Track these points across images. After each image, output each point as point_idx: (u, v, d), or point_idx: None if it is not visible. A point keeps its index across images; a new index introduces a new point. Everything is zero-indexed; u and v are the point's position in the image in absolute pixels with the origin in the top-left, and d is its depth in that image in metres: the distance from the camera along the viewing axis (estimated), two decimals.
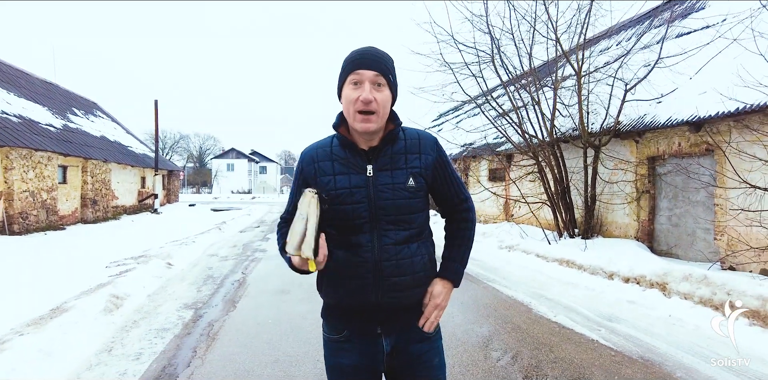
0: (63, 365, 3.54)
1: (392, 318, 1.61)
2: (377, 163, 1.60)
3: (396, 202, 1.57)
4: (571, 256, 7.31)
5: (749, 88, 5.99)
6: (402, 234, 1.59)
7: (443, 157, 1.70)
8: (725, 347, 3.96)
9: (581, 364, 3.62)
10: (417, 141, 1.65)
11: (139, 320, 4.80)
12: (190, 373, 3.50)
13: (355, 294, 1.57)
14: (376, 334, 1.63)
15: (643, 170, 9.40)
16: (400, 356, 1.64)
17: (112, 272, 6.67)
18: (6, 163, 12.70)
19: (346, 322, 1.64)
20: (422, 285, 1.63)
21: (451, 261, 1.70)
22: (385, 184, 1.58)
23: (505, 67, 10.59)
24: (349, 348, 1.64)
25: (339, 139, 1.64)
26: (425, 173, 1.63)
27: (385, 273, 1.56)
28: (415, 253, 1.60)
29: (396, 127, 1.64)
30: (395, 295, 1.57)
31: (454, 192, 1.74)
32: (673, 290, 5.20)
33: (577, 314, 4.99)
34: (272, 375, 3.44)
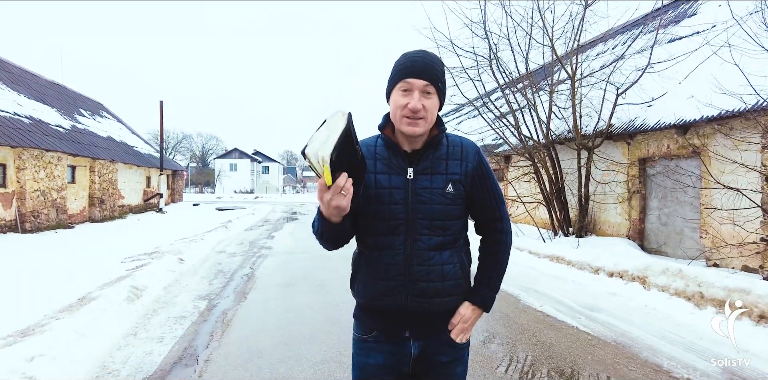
0: (97, 345, 4.00)
1: (421, 322, 1.63)
2: (418, 166, 1.62)
3: (433, 207, 1.59)
4: (561, 253, 7.75)
5: (727, 94, 6.41)
6: (435, 240, 1.60)
7: (485, 167, 1.70)
8: (690, 331, 4.41)
9: (559, 346, 4.07)
10: (459, 148, 1.67)
11: (158, 309, 5.26)
12: (209, 353, 3.95)
13: (384, 295, 1.60)
14: (404, 337, 1.65)
15: (634, 171, 9.83)
16: (426, 361, 1.66)
17: (129, 266, 7.14)
18: (19, 163, 13.17)
19: (376, 323, 1.67)
20: (452, 294, 1.64)
21: (482, 286, 1.71)
22: (423, 187, 1.60)
23: (501, 71, 11.01)
24: (377, 348, 1.66)
25: (383, 139, 1.67)
26: (464, 181, 1.64)
27: (415, 277, 1.58)
28: (447, 261, 1.62)
29: (440, 132, 1.66)
30: (424, 301, 1.59)
31: (489, 207, 1.72)
32: (652, 283, 5.64)
33: (562, 305, 5.44)
34: (283, 353, 3.89)
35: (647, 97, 9.38)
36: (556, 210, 10.76)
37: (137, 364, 3.71)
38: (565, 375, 3.47)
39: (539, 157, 10.79)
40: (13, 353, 3.48)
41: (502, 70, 11.10)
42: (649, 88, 9.41)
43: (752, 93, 6.12)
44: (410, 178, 1.60)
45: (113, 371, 3.59)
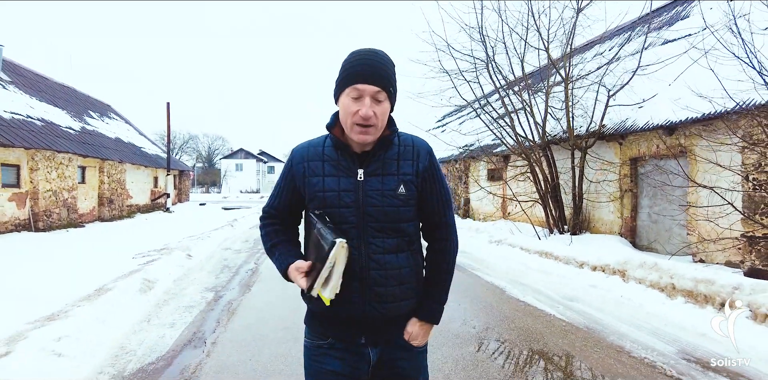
0: (115, 329, 4.45)
1: (376, 328, 1.61)
2: (368, 167, 1.58)
3: (384, 209, 1.56)
4: (550, 249, 8.15)
5: (705, 98, 6.79)
6: (389, 243, 1.57)
7: (435, 168, 1.68)
8: (658, 319, 4.81)
9: (535, 331, 4.48)
10: (411, 147, 1.64)
11: (168, 299, 5.72)
12: (216, 337, 4.40)
13: (340, 302, 1.52)
14: (360, 344, 1.62)
15: (626, 170, 10.20)
16: (386, 368, 1.64)
17: (140, 262, 7.61)
18: (32, 164, 13.70)
19: (330, 330, 1.64)
20: (410, 297, 1.63)
21: (428, 300, 1.68)
22: (374, 189, 1.56)
23: (496, 75, 11.39)
24: (333, 354, 1.63)
25: (332, 139, 1.63)
26: (416, 181, 1.61)
27: (372, 282, 1.55)
28: (403, 264, 1.59)
29: (392, 132, 1.63)
30: (381, 306, 1.57)
31: (435, 211, 1.68)
32: (630, 276, 6.03)
33: (544, 296, 5.86)
34: (283, 337, 4.33)
35: (638, 99, 9.73)
36: (552, 209, 11.13)
37: (151, 345, 4.16)
38: (535, 355, 3.88)
39: (535, 156, 11.17)
40: (42, 334, 3.94)
41: (499, 73, 11.49)
42: (640, 90, 9.77)
43: (726, 97, 6.49)
44: (360, 180, 1.57)
45: (130, 351, 4.04)
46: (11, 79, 16.83)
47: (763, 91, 6.36)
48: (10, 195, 12.82)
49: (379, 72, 1.50)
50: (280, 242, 1.71)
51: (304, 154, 1.66)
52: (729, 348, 4.00)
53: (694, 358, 3.84)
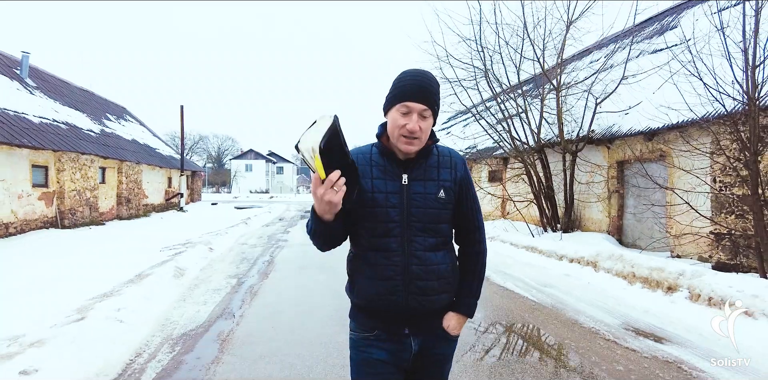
0: (158, 305, 5.46)
1: (418, 319, 1.77)
2: (412, 173, 1.75)
3: (426, 211, 1.73)
4: (535, 244, 9.09)
5: (668, 108, 7.70)
6: (430, 241, 1.73)
7: (469, 178, 1.88)
8: (615, 300, 5.75)
9: (507, 308, 5.44)
10: (449, 158, 1.83)
11: (198, 284, 6.74)
12: (242, 311, 5.39)
13: (384, 295, 1.71)
14: (403, 334, 1.78)
15: (613, 173, 11.09)
16: (424, 357, 1.82)
17: (168, 253, 8.63)
18: (58, 165, 14.80)
19: (376, 322, 1.79)
20: (446, 291, 1.79)
21: (464, 295, 1.85)
22: (417, 192, 1.73)
23: (493, 83, 12.30)
24: (378, 345, 1.78)
25: (379, 147, 1.81)
26: (454, 187, 1.79)
27: (414, 276, 1.70)
28: (441, 261, 1.76)
29: (433, 143, 1.81)
30: (423, 298, 1.72)
31: (469, 217, 1.87)
32: (600, 266, 6.96)
33: (522, 282, 6.82)
34: (298, 311, 5.32)
35: (625, 106, 10.61)
36: (546, 209, 12.03)
37: (190, 317, 5.16)
38: (504, 326, 4.83)
39: (530, 160, 12.07)
40: (104, 306, 4.95)
41: (497, 80, 12.39)
42: (627, 98, 10.65)
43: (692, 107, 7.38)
44: (405, 184, 1.74)
45: (174, 321, 5.04)
46: (36, 84, 17.98)
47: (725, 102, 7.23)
48: (40, 194, 13.90)
49: (427, 93, 1.67)
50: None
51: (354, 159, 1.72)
52: (666, 320, 4.93)
53: (632, 328, 4.77)
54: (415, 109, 1.65)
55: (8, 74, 16.38)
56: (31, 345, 3.86)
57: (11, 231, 12.40)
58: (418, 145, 1.71)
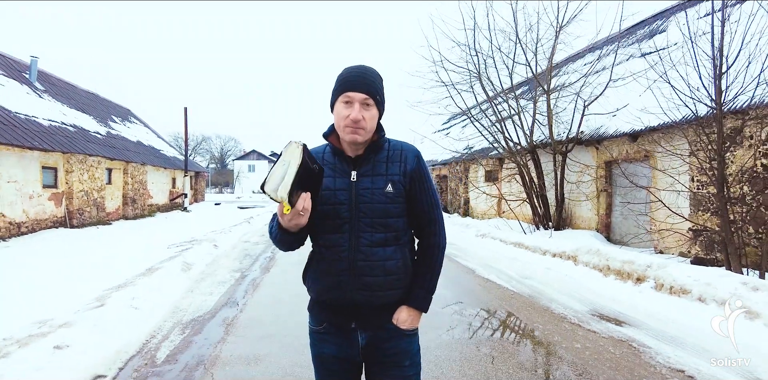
0: (168, 295, 6.03)
1: (366, 314, 1.81)
2: (360, 169, 1.80)
3: (374, 206, 1.76)
4: (522, 240, 9.63)
5: (648, 112, 8.22)
6: (377, 237, 1.76)
7: (422, 169, 1.87)
8: (587, 290, 6.29)
9: (486, 298, 5.99)
10: (399, 151, 1.86)
11: (204, 277, 7.31)
12: (245, 301, 5.95)
13: (332, 289, 1.78)
14: (350, 328, 1.83)
15: (602, 172, 11.61)
16: (374, 351, 1.85)
17: (175, 250, 9.21)
18: (67, 166, 15.41)
19: (325, 315, 1.86)
20: (395, 288, 1.81)
21: (417, 288, 1.86)
22: (365, 188, 1.77)
23: (486, 86, 12.84)
24: (328, 339, 1.86)
25: (330, 147, 1.86)
26: (404, 181, 1.81)
27: (359, 271, 1.75)
28: (390, 257, 1.78)
29: (379, 138, 1.84)
30: (368, 294, 1.76)
31: (423, 210, 1.87)
32: (580, 260, 7.49)
33: (505, 275, 7.37)
34: (296, 300, 5.87)
35: (612, 108, 11.13)
36: (538, 207, 12.56)
37: (198, 306, 5.72)
38: (482, 312, 5.37)
39: (522, 160, 12.60)
40: (120, 296, 5.52)
41: (490, 83, 12.94)
42: (615, 100, 11.17)
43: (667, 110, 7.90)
44: (353, 180, 1.79)
45: (183, 309, 5.60)
46: (45, 87, 18.62)
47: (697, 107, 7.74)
48: (50, 194, 14.51)
49: (367, 82, 1.75)
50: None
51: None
52: (630, 307, 5.47)
53: (598, 314, 5.31)
54: (356, 99, 1.72)
55: (18, 78, 17.01)
56: (59, 326, 4.42)
57: (23, 230, 12.99)
58: (363, 134, 1.75)
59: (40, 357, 3.72)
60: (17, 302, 5.49)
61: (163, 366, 3.89)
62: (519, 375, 3.62)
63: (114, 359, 4.04)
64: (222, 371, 3.76)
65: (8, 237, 12.16)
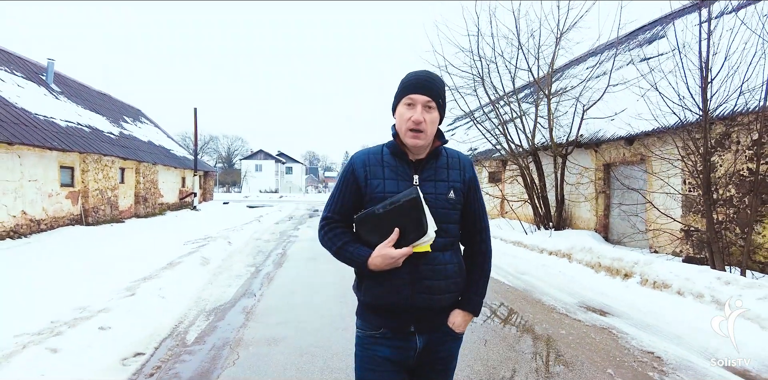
0: (190, 287, 6.60)
1: (424, 318, 1.82)
2: (423, 173, 1.82)
3: (437, 211, 1.77)
4: (521, 239, 10.16)
5: (640, 118, 8.71)
6: (439, 242, 1.77)
7: (476, 179, 1.93)
8: (579, 285, 6.80)
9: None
10: (457, 159, 1.90)
11: (222, 271, 7.88)
12: (261, 292, 6.50)
13: (392, 293, 1.77)
14: (409, 332, 1.83)
15: (600, 174, 12.09)
16: (428, 354, 1.86)
17: (192, 246, 9.79)
18: (83, 166, 16.04)
19: (383, 320, 1.84)
20: (454, 290, 1.84)
21: (470, 293, 1.91)
22: (428, 193, 1.78)
23: (489, 90, 13.33)
24: (384, 342, 1.84)
25: (391, 146, 1.87)
26: (463, 188, 1.86)
27: (422, 275, 1.76)
28: (449, 261, 1.81)
29: (441, 144, 1.88)
30: (429, 297, 1.78)
31: (476, 218, 1.93)
32: (574, 258, 8.00)
33: (503, 271, 7.89)
34: (308, 291, 6.44)
35: (611, 112, 11.60)
36: (540, 208, 13.05)
37: (218, 297, 6.28)
38: None
39: (524, 162, 13.09)
40: (148, 286, 6.08)
41: (493, 87, 13.43)
42: (614, 105, 11.64)
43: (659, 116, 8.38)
44: (416, 184, 1.79)
45: (205, 299, 6.16)
46: (61, 89, 19.29)
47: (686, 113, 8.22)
48: (67, 193, 15.13)
49: (430, 85, 1.78)
50: (349, 241, 1.87)
51: (365, 159, 1.88)
52: (616, 299, 5.98)
53: (585, 305, 5.82)
54: (419, 101, 1.76)
55: (36, 81, 17.68)
56: (99, 311, 4.99)
57: (42, 227, 13.61)
58: (424, 138, 1.77)
59: (88, 336, 4.29)
60: (52, 291, 6.06)
61: (193, 346, 4.44)
62: (508, 355, 4.15)
63: (149, 340, 4.60)
64: (246, 350, 4.30)
65: (29, 234, 12.78)
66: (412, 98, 1.77)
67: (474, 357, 4.09)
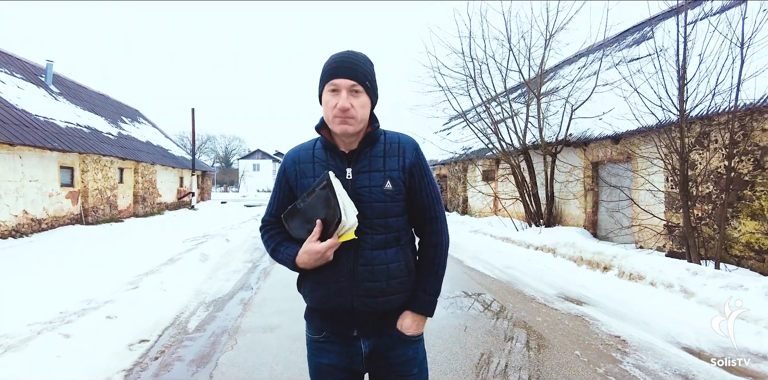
0: (191, 281, 6.96)
1: (368, 322, 1.73)
2: (356, 165, 1.70)
3: (372, 205, 1.66)
4: (510, 235, 10.53)
5: (624, 118, 9.08)
6: (378, 239, 1.68)
7: (422, 163, 1.77)
8: (561, 278, 7.18)
9: (469, 283, 6.89)
10: (397, 144, 1.74)
11: (220, 267, 8.25)
12: (258, 285, 6.87)
13: (331, 297, 1.69)
14: (352, 337, 1.74)
15: (589, 172, 12.46)
16: (378, 360, 1.76)
17: (191, 244, 10.16)
18: (83, 166, 16.38)
19: (325, 324, 1.77)
20: (399, 292, 1.73)
21: (420, 292, 1.77)
22: (362, 186, 1.67)
23: (479, 91, 13.71)
24: (328, 348, 1.77)
25: (321, 141, 1.76)
26: (403, 176, 1.71)
27: (360, 277, 1.66)
28: (392, 259, 1.70)
29: (374, 129, 1.73)
30: (370, 300, 1.68)
31: (424, 206, 1.78)
32: (558, 252, 8.38)
33: (489, 265, 8.27)
34: None
35: (599, 112, 11.98)
36: (530, 205, 13.43)
37: (217, 289, 6.65)
38: (463, 293, 6.27)
39: (515, 161, 13.47)
40: (150, 280, 6.45)
41: (485, 87, 13.81)
42: (602, 105, 12.01)
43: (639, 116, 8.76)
44: (349, 179, 1.68)
45: (204, 292, 6.53)
46: (59, 90, 19.61)
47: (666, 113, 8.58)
48: (67, 193, 15.47)
49: (353, 67, 1.64)
50: (281, 241, 1.80)
51: (295, 157, 1.79)
52: (594, 290, 6.36)
53: (563, 296, 6.20)
54: (343, 86, 1.63)
55: (35, 82, 18.00)
56: (105, 303, 5.35)
57: (43, 226, 13.95)
58: (354, 124, 1.64)
59: (97, 324, 4.65)
60: (58, 286, 6.41)
61: (194, 334, 4.80)
62: (485, 339, 4.52)
63: (153, 328, 4.97)
64: (243, 337, 4.67)
65: (30, 233, 13.12)
66: (335, 84, 1.64)
67: (453, 341, 4.46)
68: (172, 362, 4.04)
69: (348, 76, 1.63)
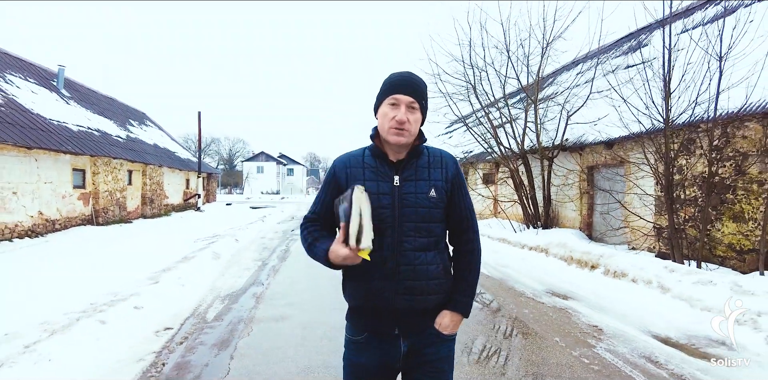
0: (205, 277, 7.52)
1: (408, 320, 1.84)
2: (403, 173, 1.85)
3: (418, 210, 1.81)
4: (506, 236, 11.08)
5: (614, 125, 9.60)
6: (420, 242, 1.81)
7: (461, 177, 1.96)
8: (550, 276, 7.70)
9: None
10: (440, 158, 1.93)
11: (232, 264, 8.82)
12: (269, 281, 7.42)
13: (374, 295, 1.81)
14: (393, 335, 1.86)
15: (584, 176, 12.98)
16: (414, 357, 1.88)
17: (202, 243, 10.73)
18: (94, 168, 16.97)
19: (366, 323, 1.89)
20: (436, 292, 1.85)
21: (458, 294, 1.91)
22: (409, 192, 1.82)
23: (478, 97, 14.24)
24: (368, 348, 1.88)
25: (372, 149, 1.92)
26: (446, 186, 1.87)
27: (402, 276, 1.79)
28: (431, 261, 1.83)
29: (421, 143, 1.91)
30: (411, 298, 1.80)
31: (463, 217, 1.94)
32: (550, 252, 8.91)
33: (486, 264, 8.83)
34: (309, 281, 7.34)
35: (594, 118, 12.49)
36: (528, 208, 13.95)
37: (230, 285, 7.20)
38: None
39: (514, 165, 13.99)
40: (168, 276, 7.01)
41: (484, 93, 14.35)
42: (597, 111, 12.52)
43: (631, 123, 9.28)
44: (397, 185, 1.83)
45: (219, 287, 7.09)
46: (70, 94, 20.25)
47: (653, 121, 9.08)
48: (79, 194, 16.06)
49: (414, 86, 1.83)
50: (318, 237, 1.92)
51: (346, 162, 1.93)
52: (580, 287, 6.88)
53: (552, 292, 6.73)
54: (403, 101, 1.79)
55: (47, 86, 18.65)
56: (130, 295, 5.91)
57: (57, 227, 14.54)
58: (407, 136, 1.80)
59: (126, 313, 5.21)
60: (82, 281, 6.95)
61: (213, 323, 5.35)
62: (475, 328, 5.06)
63: (175, 318, 5.51)
64: (258, 325, 5.22)
65: (45, 233, 13.71)
66: (397, 98, 1.81)
67: None
68: (195, 346, 4.58)
69: (409, 92, 1.81)
